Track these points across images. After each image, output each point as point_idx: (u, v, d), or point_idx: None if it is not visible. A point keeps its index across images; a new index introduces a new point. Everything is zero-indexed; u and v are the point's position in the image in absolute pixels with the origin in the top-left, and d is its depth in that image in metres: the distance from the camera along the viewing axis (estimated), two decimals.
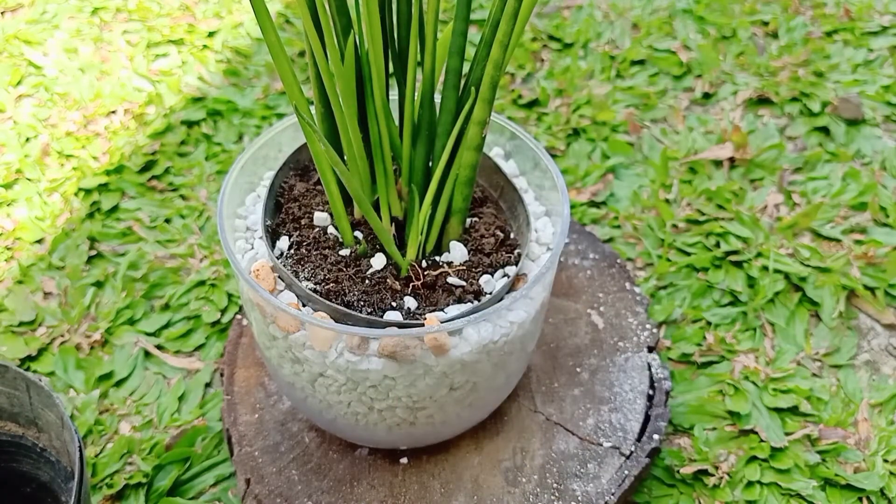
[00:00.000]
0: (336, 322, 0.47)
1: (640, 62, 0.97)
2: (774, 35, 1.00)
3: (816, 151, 0.85)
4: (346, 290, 0.49)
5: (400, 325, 0.47)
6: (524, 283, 0.51)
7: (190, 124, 0.89)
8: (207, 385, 0.67)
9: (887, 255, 0.75)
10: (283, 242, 0.52)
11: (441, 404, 0.50)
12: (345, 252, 0.52)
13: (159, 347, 0.69)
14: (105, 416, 0.65)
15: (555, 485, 0.55)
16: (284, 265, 0.51)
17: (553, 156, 0.85)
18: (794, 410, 0.64)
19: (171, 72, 0.95)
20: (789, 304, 0.72)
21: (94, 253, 0.76)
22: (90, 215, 0.80)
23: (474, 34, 0.98)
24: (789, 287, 0.73)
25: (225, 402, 0.60)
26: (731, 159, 0.84)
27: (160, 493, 0.60)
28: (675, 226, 0.78)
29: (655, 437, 0.58)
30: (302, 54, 0.97)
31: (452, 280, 0.50)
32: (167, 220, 0.79)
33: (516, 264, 0.52)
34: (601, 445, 0.57)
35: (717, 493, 0.60)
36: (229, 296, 0.72)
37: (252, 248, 0.53)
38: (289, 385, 0.53)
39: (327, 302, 0.48)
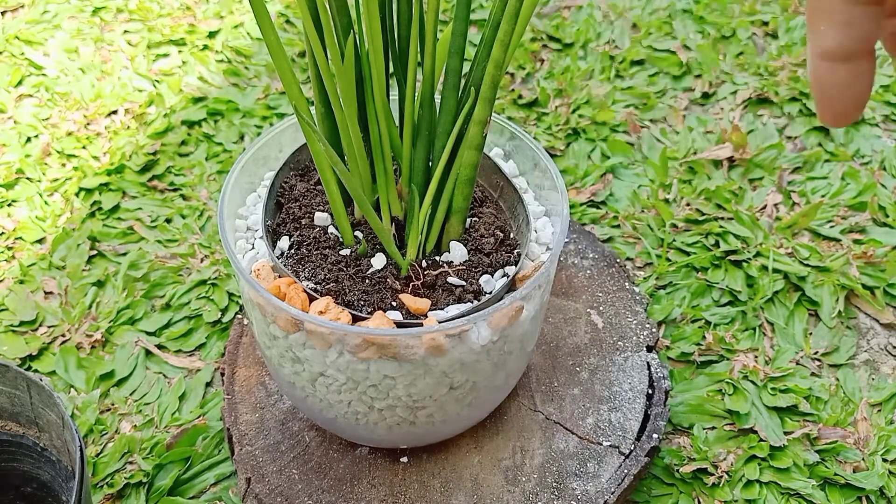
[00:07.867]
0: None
1: (640, 62, 0.97)
2: (774, 35, 1.00)
3: (816, 151, 0.85)
4: (347, 290, 0.49)
5: (400, 325, 0.47)
6: (524, 283, 0.51)
7: (191, 124, 0.89)
8: (208, 384, 0.67)
9: (886, 254, 0.75)
10: (284, 242, 0.53)
11: (441, 404, 0.50)
12: (345, 252, 0.52)
13: (160, 347, 0.69)
14: (106, 415, 0.65)
15: (554, 484, 0.55)
16: (285, 265, 0.51)
17: (553, 156, 0.85)
18: (793, 410, 0.64)
19: (171, 72, 0.95)
20: (788, 304, 0.72)
21: (94, 252, 0.76)
22: (91, 215, 0.80)
23: (474, 34, 0.99)
24: (788, 286, 0.73)
25: (225, 402, 0.60)
26: (731, 159, 0.84)
27: (161, 492, 0.60)
28: (674, 225, 0.78)
29: (655, 436, 0.58)
30: (302, 54, 0.97)
31: (452, 280, 0.50)
32: (168, 220, 0.79)
33: (516, 264, 0.52)
34: (601, 444, 0.58)
35: (717, 492, 0.60)
36: (230, 295, 0.72)
37: (253, 247, 0.53)
38: (289, 384, 0.53)
39: None
